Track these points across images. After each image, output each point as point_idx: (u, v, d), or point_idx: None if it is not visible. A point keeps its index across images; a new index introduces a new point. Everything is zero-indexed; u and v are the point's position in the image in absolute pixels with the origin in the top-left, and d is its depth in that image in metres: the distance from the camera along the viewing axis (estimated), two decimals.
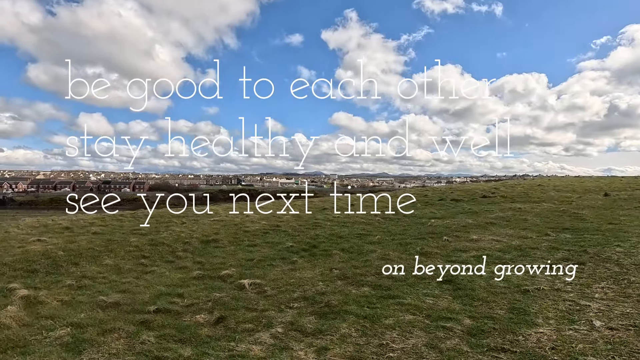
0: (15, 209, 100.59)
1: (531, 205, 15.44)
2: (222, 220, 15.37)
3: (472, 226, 10.69)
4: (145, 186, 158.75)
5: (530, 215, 12.06)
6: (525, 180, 42.98)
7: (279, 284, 5.90)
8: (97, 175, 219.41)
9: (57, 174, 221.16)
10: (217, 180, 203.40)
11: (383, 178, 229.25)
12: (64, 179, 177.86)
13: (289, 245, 9.47)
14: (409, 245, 8.33)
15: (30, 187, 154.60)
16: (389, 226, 12.17)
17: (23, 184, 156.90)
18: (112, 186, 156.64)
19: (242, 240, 10.71)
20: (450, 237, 8.90)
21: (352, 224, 13.30)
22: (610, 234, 8.32)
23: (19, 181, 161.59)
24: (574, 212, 12.21)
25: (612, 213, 11.65)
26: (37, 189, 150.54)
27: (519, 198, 20.55)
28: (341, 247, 8.66)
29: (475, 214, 13.94)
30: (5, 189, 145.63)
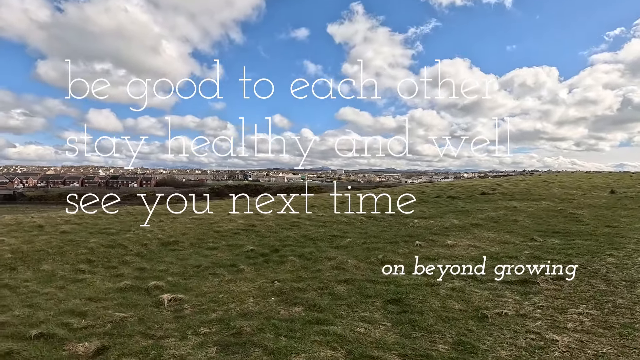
0: (25, 204, 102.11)
1: (528, 204, 14.38)
2: (201, 218, 14.66)
3: (455, 228, 9.73)
4: (152, 181, 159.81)
5: (523, 216, 11.02)
6: (532, 176, 41.51)
7: (203, 300, 5.07)
8: (106, 171, 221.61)
9: (67, 169, 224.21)
10: (224, 175, 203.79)
11: (390, 173, 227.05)
12: (73, 174, 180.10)
13: (250, 249, 8.64)
14: (375, 251, 7.42)
15: (40, 182, 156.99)
16: (369, 227, 11.27)
17: (33, 179, 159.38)
18: (120, 181, 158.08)
19: (205, 243, 9.93)
20: (425, 242, 7.97)
21: (333, 223, 12.44)
22: (604, 239, 7.30)
23: (30, 176, 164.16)
24: (571, 212, 11.13)
25: (613, 213, 10.55)
26: (47, 184, 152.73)
27: (519, 196, 19.48)
28: (301, 253, 7.79)
29: (465, 213, 12.96)
30: (16, 184, 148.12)
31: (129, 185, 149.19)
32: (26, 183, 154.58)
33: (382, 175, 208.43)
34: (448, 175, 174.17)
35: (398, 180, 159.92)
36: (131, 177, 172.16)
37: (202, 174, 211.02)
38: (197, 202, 26.04)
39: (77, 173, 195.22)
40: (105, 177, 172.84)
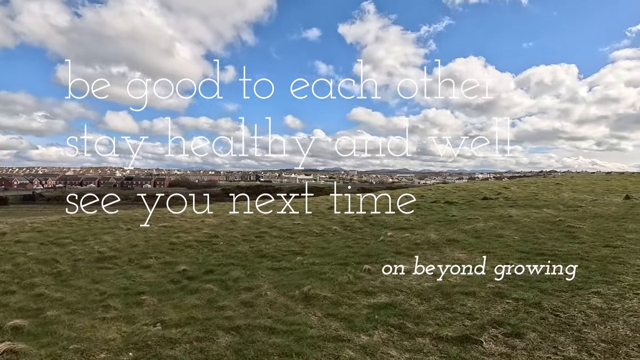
0: (43, 204, 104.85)
1: (527, 212, 12.81)
2: (170, 226, 13.69)
3: (426, 245, 8.34)
4: (165, 182, 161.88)
5: (512, 229, 9.52)
6: (546, 178, 39.14)
7: (43, 354, 3.91)
8: (122, 172, 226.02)
9: (86, 170, 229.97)
10: (237, 176, 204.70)
11: (403, 174, 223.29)
12: (91, 175, 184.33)
13: (182, 269, 7.48)
14: (312, 277, 6.14)
15: (59, 183, 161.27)
16: (336, 241, 9.98)
17: (52, 180, 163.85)
18: (135, 182, 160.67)
19: (145, 259, 8.85)
20: (379, 265, 6.63)
21: (301, 234, 11.22)
22: (597, 266, 5.80)
23: (49, 177, 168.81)
24: (570, 224, 9.54)
25: (619, 227, 8.93)
26: (65, 185, 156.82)
27: (522, 201, 17.86)
28: (228, 278, 6.59)
29: (451, 223, 11.52)
30: (36, 184, 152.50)
31: (142, 186, 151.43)
32: (45, 184, 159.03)
33: (395, 176, 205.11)
34: (462, 176, 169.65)
35: (411, 181, 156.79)
36: (146, 178, 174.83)
37: (215, 175, 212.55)
38: (197, 205, 25.27)
39: (95, 174, 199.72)
40: (121, 178, 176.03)
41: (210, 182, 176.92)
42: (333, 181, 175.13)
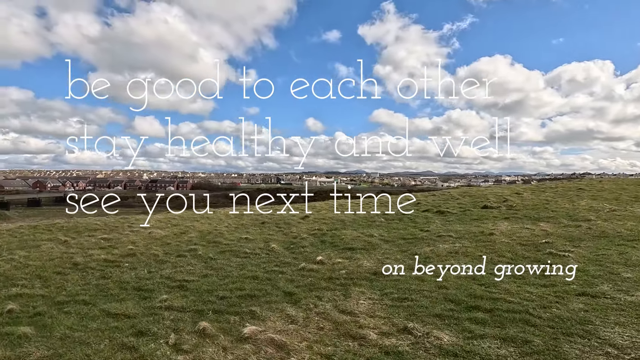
0: (72, 205, 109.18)
1: (519, 227, 10.48)
2: (109, 239, 12.26)
3: (345, 279, 6.30)
4: (187, 185, 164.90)
5: (472, 257, 7.30)
6: (570, 181, 35.24)
7: None
8: (149, 174, 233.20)
9: (116, 173, 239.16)
10: (258, 179, 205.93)
11: (427, 176, 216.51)
12: (119, 178, 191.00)
13: (7, 310, 5.79)
14: (136, 337, 4.31)
15: (89, 185, 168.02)
16: (249, 265, 8.11)
17: (83, 183, 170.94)
18: (159, 185, 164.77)
19: (11, 287, 7.32)
20: (228, 321, 4.71)
21: (228, 253, 9.40)
22: (550, 337, 3.63)
23: (80, 180, 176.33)
24: (555, 249, 7.17)
25: (621, 256, 6.51)
26: (94, 187, 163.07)
27: (525, 211, 15.37)
28: (42, 325, 4.87)
29: (414, 242, 9.44)
30: (68, 187, 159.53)
31: (166, 189, 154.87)
32: (77, 186, 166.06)
33: (417, 178, 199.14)
34: (488, 178, 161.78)
35: (434, 184, 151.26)
36: (170, 180, 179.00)
37: (238, 178, 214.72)
38: (197, 207, 24.16)
39: (124, 176, 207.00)
40: (146, 180, 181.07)
41: (232, 184, 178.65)
42: (354, 184, 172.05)
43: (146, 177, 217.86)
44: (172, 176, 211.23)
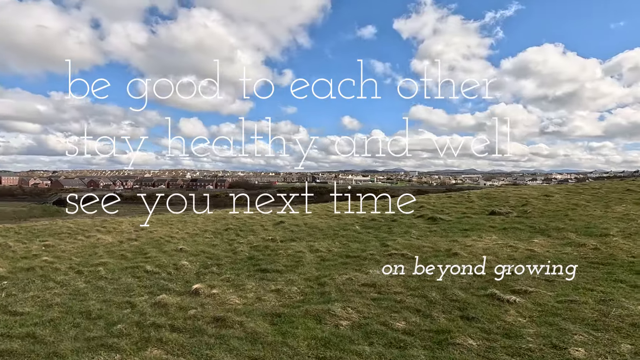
0: (120, 204, 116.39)
1: (500, 245, 8.35)
2: (51, 245, 11.57)
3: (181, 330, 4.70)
4: (226, 184, 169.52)
5: (430, 297, 5.38)
6: (623, 180, 30.41)
7: None
8: (193, 174, 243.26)
9: (163, 173, 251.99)
10: (294, 177, 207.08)
11: (469, 175, 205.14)
12: (164, 177, 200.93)
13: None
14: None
15: (136, 184, 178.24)
16: (138, 294, 6.69)
17: (131, 182, 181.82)
18: (199, 183, 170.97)
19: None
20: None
21: (138, 270, 8.10)
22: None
23: (129, 179, 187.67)
24: (504, 289, 5.08)
25: (602, 306, 4.32)
26: (140, 186, 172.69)
27: (540, 218, 13.04)
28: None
29: (349, 264, 7.64)
30: (118, 185, 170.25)
31: (205, 187, 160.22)
32: (126, 185, 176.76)
33: (459, 177, 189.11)
34: (537, 176, 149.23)
35: (476, 183, 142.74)
36: (210, 179, 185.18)
37: (275, 177, 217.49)
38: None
39: (169, 176, 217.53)
40: (188, 179, 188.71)
41: (268, 183, 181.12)
42: (391, 182, 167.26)
43: (189, 176, 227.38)
44: (213, 175, 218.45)
